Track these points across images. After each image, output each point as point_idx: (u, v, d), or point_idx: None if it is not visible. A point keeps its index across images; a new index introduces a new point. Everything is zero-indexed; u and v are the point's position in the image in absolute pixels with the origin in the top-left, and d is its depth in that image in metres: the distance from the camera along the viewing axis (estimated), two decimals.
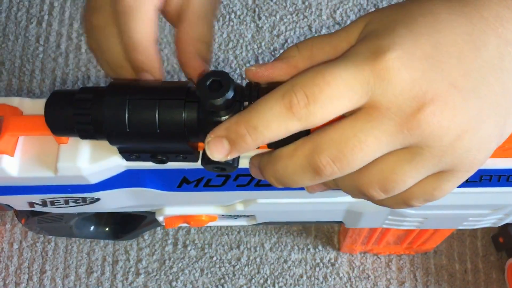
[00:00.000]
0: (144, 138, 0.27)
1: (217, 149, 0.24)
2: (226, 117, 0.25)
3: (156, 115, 0.26)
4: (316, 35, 0.63)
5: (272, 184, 0.25)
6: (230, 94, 0.25)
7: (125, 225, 0.49)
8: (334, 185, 0.26)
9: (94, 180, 0.31)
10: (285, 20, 0.63)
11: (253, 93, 0.26)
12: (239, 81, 0.61)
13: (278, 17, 0.64)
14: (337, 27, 0.63)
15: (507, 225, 0.55)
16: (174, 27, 0.31)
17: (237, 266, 0.57)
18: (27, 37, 0.63)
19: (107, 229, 0.49)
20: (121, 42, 0.29)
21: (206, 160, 0.26)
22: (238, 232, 0.58)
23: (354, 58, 0.23)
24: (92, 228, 0.48)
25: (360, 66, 0.22)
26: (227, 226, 0.57)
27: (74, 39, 0.63)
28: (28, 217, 0.42)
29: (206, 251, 0.57)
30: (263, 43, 0.63)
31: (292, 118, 0.22)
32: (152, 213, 0.40)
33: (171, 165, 0.30)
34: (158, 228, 0.58)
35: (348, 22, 0.63)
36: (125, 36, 0.28)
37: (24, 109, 0.31)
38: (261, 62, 0.62)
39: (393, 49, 0.22)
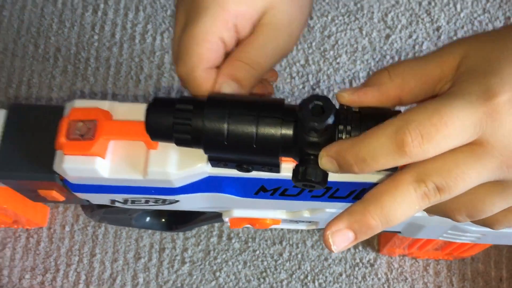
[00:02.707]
0: (238, 151, 0.28)
1: (328, 166, 0.26)
2: (321, 138, 0.27)
3: (254, 131, 0.27)
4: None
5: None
6: (331, 120, 0.26)
7: (181, 218, 0.50)
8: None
9: (178, 184, 0.32)
10: (336, 21, 0.64)
11: (349, 116, 0.27)
12: (288, 81, 0.62)
13: (329, 17, 0.64)
14: (388, 31, 0.64)
15: None
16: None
17: (279, 261, 0.59)
18: (82, 24, 0.65)
19: (163, 220, 0.51)
20: None
21: (299, 177, 0.28)
22: (281, 229, 0.59)
23: (468, 98, 0.23)
24: (148, 219, 0.50)
25: (475, 107, 0.23)
26: None
27: (129, 29, 0.64)
28: (94, 208, 0.44)
29: (249, 244, 0.59)
30: (313, 43, 0.64)
31: (403, 155, 0.23)
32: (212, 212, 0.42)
33: (252, 174, 0.31)
34: None
35: (400, 26, 0.64)
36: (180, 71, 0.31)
37: (114, 113, 0.33)
38: (310, 62, 0.63)
39: (503, 91, 0.23)
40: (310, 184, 0.28)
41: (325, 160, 0.26)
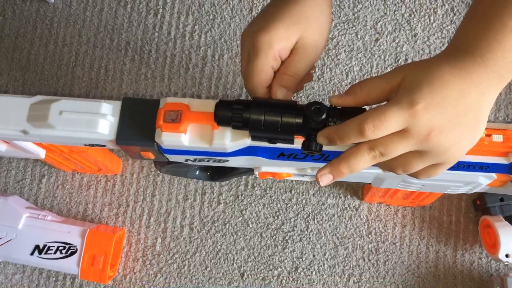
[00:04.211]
0: (270, 132, 0.46)
1: (322, 141, 0.43)
2: (319, 125, 0.44)
3: (280, 121, 0.45)
4: (351, 42, 0.82)
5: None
6: (324, 115, 0.44)
7: (221, 172, 0.71)
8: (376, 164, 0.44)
9: (230, 150, 0.53)
10: (338, 27, 0.83)
11: (335, 112, 0.44)
12: None
13: (333, 24, 0.83)
14: (377, 35, 0.83)
15: (483, 192, 0.72)
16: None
17: (289, 204, 0.79)
18: (146, 24, 0.84)
19: (208, 173, 0.71)
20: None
21: (305, 147, 0.46)
22: (291, 181, 0.80)
23: (400, 105, 0.38)
24: (197, 172, 0.70)
25: (404, 111, 0.38)
26: None
27: (181, 29, 0.84)
28: (163, 164, 0.65)
29: (267, 192, 0.80)
30: None
31: (363, 137, 0.40)
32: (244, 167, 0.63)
33: (276, 145, 0.52)
34: None
35: (386, 33, 0.83)
36: (248, 88, 0.47)
37: (191, 106, 0.52)
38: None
39: (420, 102, 0.38)
40: (312, 152, 0.47)
41: (320, 138, 0.44)
